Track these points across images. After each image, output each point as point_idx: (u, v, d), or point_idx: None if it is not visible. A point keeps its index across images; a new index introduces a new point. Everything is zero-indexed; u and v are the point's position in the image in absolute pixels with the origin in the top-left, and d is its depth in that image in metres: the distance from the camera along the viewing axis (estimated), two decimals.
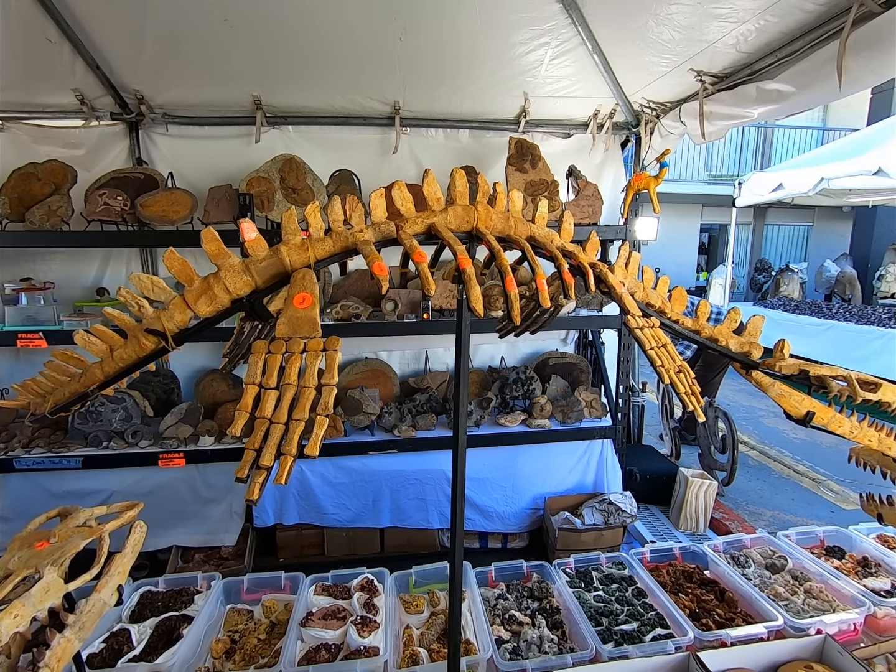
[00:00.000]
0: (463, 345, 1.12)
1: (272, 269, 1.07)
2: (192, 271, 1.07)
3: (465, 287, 1.04)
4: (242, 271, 1.06)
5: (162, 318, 1.06)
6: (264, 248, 1.08)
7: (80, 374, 1.21)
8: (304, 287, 1.01)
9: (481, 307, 1.01)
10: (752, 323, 1.48)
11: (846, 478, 4.14)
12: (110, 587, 0.95)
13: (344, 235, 1.12)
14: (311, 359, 0.94)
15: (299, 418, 0.90)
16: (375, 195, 1.10)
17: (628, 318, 1.30)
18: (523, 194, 1.36)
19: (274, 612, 1.81)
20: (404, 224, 1.09)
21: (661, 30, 2.39)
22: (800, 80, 2.18)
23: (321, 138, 3.34)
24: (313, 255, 1.10)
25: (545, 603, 1.95)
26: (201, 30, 2.54)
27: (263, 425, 0.89)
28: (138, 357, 1.13)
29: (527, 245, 1.22)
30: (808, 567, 2.14)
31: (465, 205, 1.18)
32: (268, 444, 0.84)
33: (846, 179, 5.92)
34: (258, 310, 1.11)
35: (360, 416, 3.07)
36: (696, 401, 1.21)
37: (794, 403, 1.39)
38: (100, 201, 2.67)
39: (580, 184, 3.24)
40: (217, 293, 1.05)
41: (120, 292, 1.10)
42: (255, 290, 1.10)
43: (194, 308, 1.05)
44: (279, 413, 0.90)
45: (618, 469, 3.29)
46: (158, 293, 1.04)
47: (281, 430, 0.86)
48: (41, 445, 2.83)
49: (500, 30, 2.56)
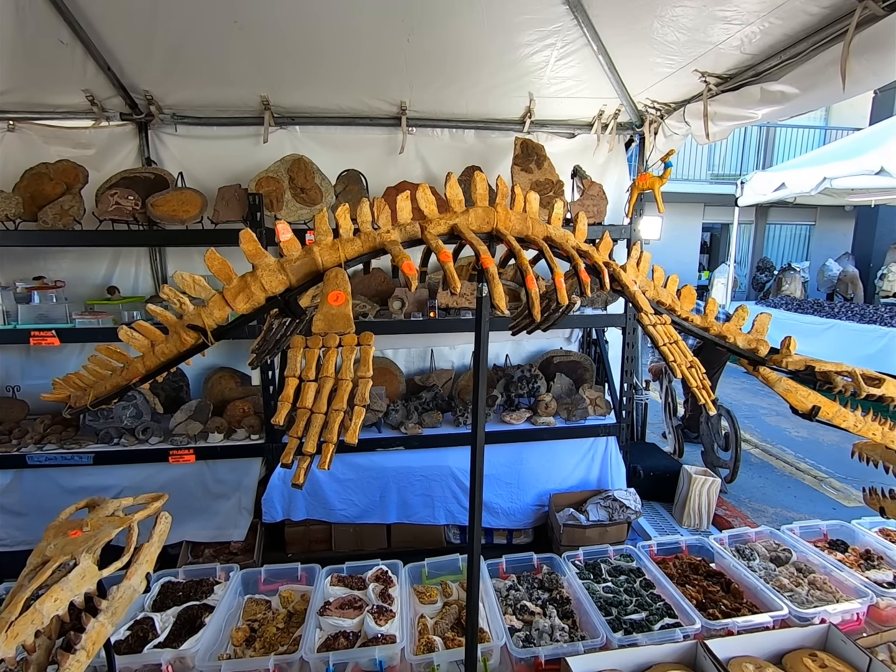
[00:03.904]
0: (482, 341, 1.15)
1: (305, 268, 1.12)
2: (231, 270, 1.11)
3: (488, 285, 1.08)
4: (278, 270, 1.11)
5: (202, 315, 1.11)
6: (298, 248, 1.13)
7: (121, 369, 1.25)
8: (338, 285, 1.05)
9: (504, 304, 1.05)
10: (759, 320, 1.52)
11: (847, 475, 4.17)
12: (139, 575, 0.99)
13: (372, 236, 1.16)
14: (346, 353, 0.98)
15: (339, 408, 0.94)
16: (401, 198, 1.14)
17: (641, 315, 1.33)
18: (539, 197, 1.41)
19: (291, 602, 1.86)
20: (428, 225, 1.14)
21: (665, 31, 2.42)
22: (803, 82, 2.21)
23: (328, 138, 3.38)
24: (343, 254, 1.14)
25: (555, 594, 1.99)
26: (211, 31, 2.57)
27: (305, 415, 0.94)
28: (178, 352, 1.17)
29: (545, 245, 1.26)
30: (811, 560, 2.18)
31: (486, 206, 1.23)
32: (310, 433, 0.88)
33: (848, 179, 5.93)
34: (292, 307, 1.15)
35: (367, 414, 3.10)
36: (706, 395, 1.25)
37: (800, 398, 1.43)
38: (111, 201, 2.71)
39: (585, 184, 3.27)
40: (254, 291, 1.09)
41: (163, 290, 1.15)
42: (289, 287, 1.14)
43: (233, 305, 1.09)
44: (319, 403, 0.94)
45: (622, 466, 3.32)
46: (199, 291, 1.09)
47: (321, 420, 0.91)
48: (53, 442, 2.87)
49: (506, 31, 2.59)
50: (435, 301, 3.12)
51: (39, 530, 1.73)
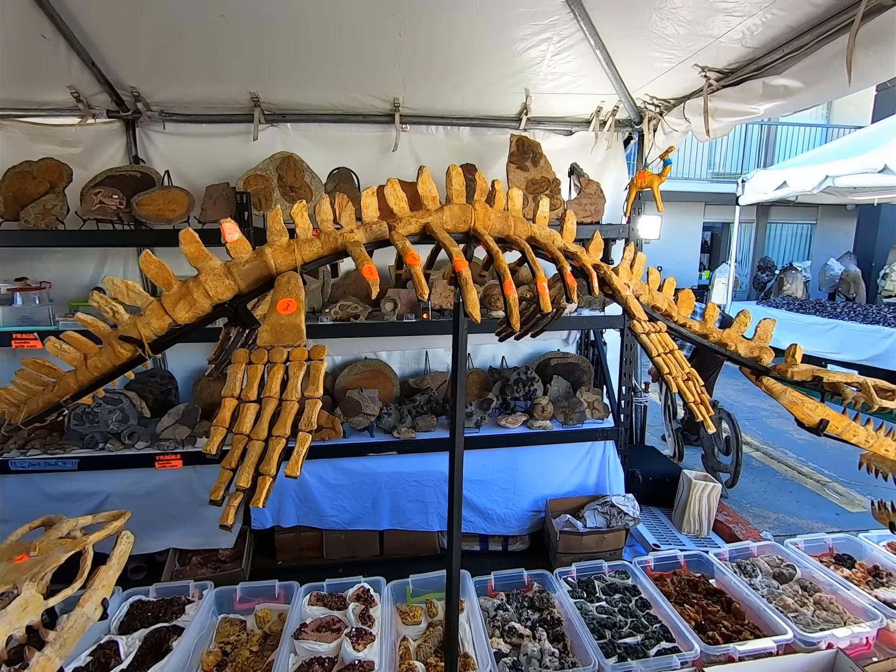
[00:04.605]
0: (460, 349, 1.07)
1: (256, 272, 1.01)
2: (171, 275, 1.01)
3: (461, 291, 0.98)
4: (224, 275, 1.01)
5: (138, 325, 1.00)
6: (248, 249, 1.02)
7: (53, 384, 1.15)
8: (289, 292, 0.95)
9: (478, 312, 0.96)
10: (762, 327, 1.43)
11: (851, 479, 4.10)
12: (94, 601, 0.92)
13: (333, 236, 1.06)
14: (294, 369, 0.88)
15: (280, 434, 0.84)
16: (367, 193, 1.05)
17: (634, 323, 1.24)
18: (524, 192, 1.29)
19: (267, 622, 1.77)
20: (397, 224, 1.04)
21: (665, 24, 2.34)
22: (807, 76, 2.13)
23: (320, 136, 3.31)
24: (300, 257, 1.04)
25: (546, 614, 1.90)
26: (197, 26, 2.50)
27: (241, 442, 0.84)
28: (114, 365, 1.06)
29: (527, 246, 1.17)
30: (817, 577, 2.08)
31: (462, 203, 1.13)
32: (245, 463, 0.79)
33: (851, 177, 5.85)
34: (242, 315, 1.05)
35: (359, 418, 3.04)
36: (705, 410, 1.16)
37: (806, 411, 1.34)
38: (95, 200, 2.64)
39: (582, 182, 3.20)
40: (197, 298, 0.99)
41: (93, 297, 1.04)
42: (238, 294, 1.04)
43: (172, 314, 0.99)
44: (258, 429, 0.84)
45: (620, 471, 3.25)
46: (134, 298, 0.99)
47: (260, 448, 0.81)
48: (37, 447, 2.80)
49: (501, 25, 2.52)
50: (428, 303, 3.05)
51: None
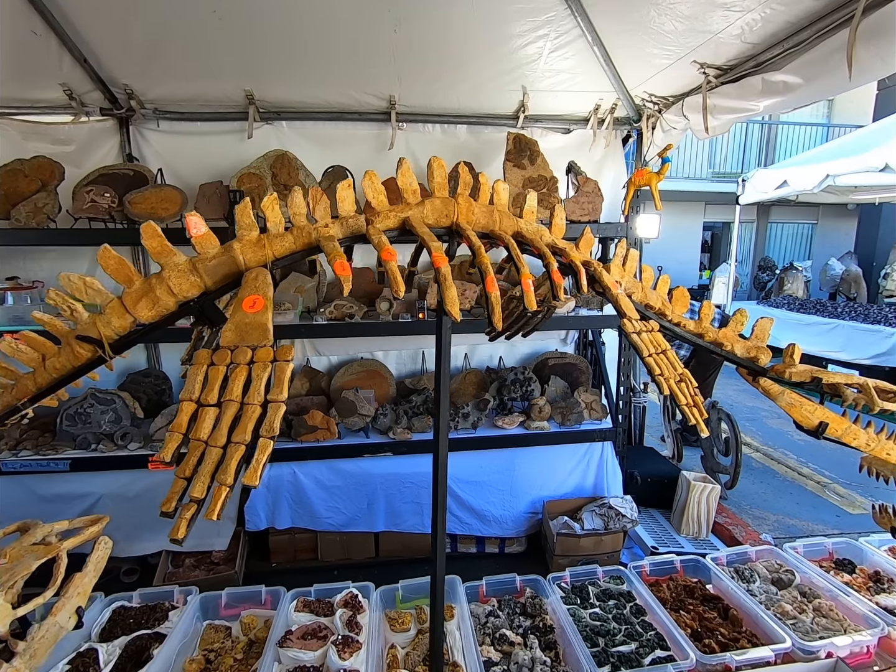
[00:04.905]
0: (444, 349, 1.04)
1: (223, 268, 0.96)
2: (132, 271, 0.96)
3: (440, 287, 0.95)
4: (189, 271, 0.96)
5: (98, 324, 0.95)
6: (215, 244, 0.98)
7: (11, 386, 1.10)
8: (257, 288, 0.90)
9: (457, 310, 0.92)
10: (759, 326, 1.39)
11: (852, 480, 4.06)
12: (67, 610, 0.89)
13: (306, 231, 1.01)
14: (258, 371, 0.83)
15: (239, 441, 0.79)
16: (342, 186, 1.01)
17: (624, 322, 1.20)
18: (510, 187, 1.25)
19: (253, 628, 1.73)
20: (375, 218, 1.01)
21: (663, 20, 2.31)
22: (807, 71, 2.10)
23: (316, 134, 3.28)
24: (271, 252, 0.99)
25: (538, 621, 1.85)
26: (190, 22, 2.48)
27: (198, 449, 0.79)
28: (73, 366, 1.02)
29: (511, 241, 1.12)
30: (816, 582, 2.04)
31: (445, 197, 1.08)
32: (200, 472, 0.75)
33: (852, 176, 5.81)
34: (209, 313, 1.00)
35: (354, 418, 3.01)
36: (698, 413, 1.12)
37: (805, 413, 1.30)
38: (87, 198, 2.61)
39: (580, 180, 3.16)
40: (160, 295, 0.94)
41: (49, 294, 0.99)
42: (205, 291, 0.99)
43: (134, 312, 0.94)
44: (217, 434, 0.80)
45: (618, 472, 3.22)
46: (93, 295, 0.95)
47: (217, 455, 0.77)
48: (29, 447, 2.77)
49: (497, 21, 2.49)
50: (424, 302, 3.02)
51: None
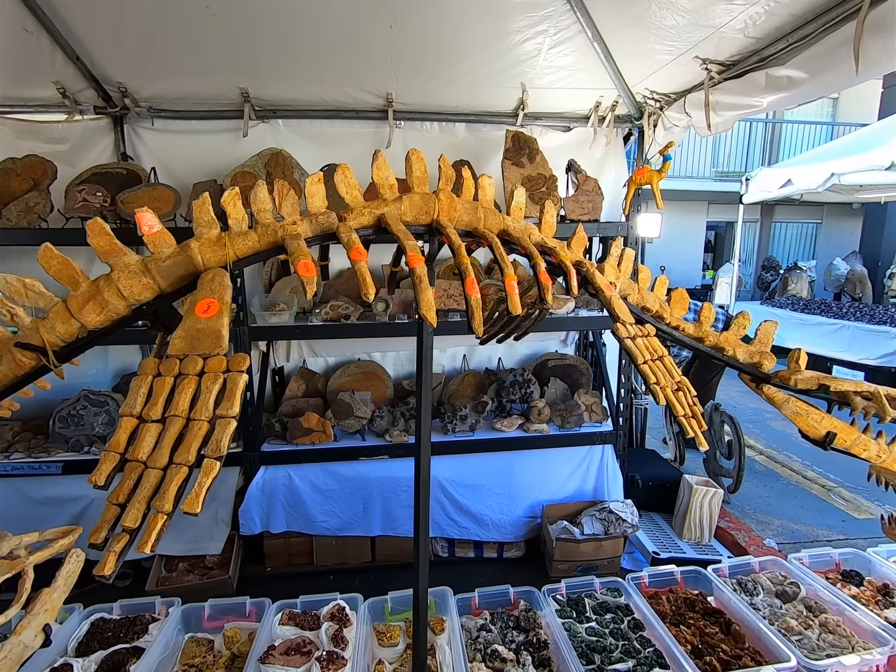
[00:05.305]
0: (424, 355, 0.98)
1: (179, 268, 0.89)
2: (78, 272, 0.90)
3: (414, 290, 0.89)
4: (141, 272, 0.89)
5: (41, 329, 0.87)
6: (170, 243, 0.91)
7: None
8: (213, 291, 0.83)
9: (433, 315, 0.87)
10: (762, 329, 1.32)
11: (858, 485, 3.99)
12: (33, 628, 0.84)
13: (272, 229, 0.94)
14: (208, 382, 0.75)
15: (182, 462, 0.71)
16: (311, 181, 0.96)
17: (617, 326, 1.12)
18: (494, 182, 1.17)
19: (236, 642, 1.67)
20: (348, 215, 0.95)
21: (664, 14, 2.26)
22: (812, 66, 2.05)
23: (312, 132, 3.24)
24: (233, 252, 0.92)
25: (532, 636, 1.78)
26: (183, 18, 2.44)
27: (135, 471, 0.71)
28: (15, 375, 0.92)
29: (495, 240, 1.05)
30: (822, 596, 1.95)
31: (425, 193, 1.02)
32: (135, 498, 0.66)
33: (857, 175, 5.73)
34: (164, 318, 0.92)
35: (350, 421, 2.96)
36: (696, 425, 1.06)
37: (811, 423, 1.23)
38: (78, 197, 2.57)
39: (580, 179, 3.11)
40: (109, 298, 0.87)
41: None
42: (159, 294, 0.91)
43: (80, 317, 0.86)
44: (157, 455, 0.71)
45: (619, 476, 3.17)
46: (35, 298, 0.88)
47: (156, 479, 0.69)
48: (21, 450, 2.74)
49: (495, 16, 2.45)
50: None
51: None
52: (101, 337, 0.94)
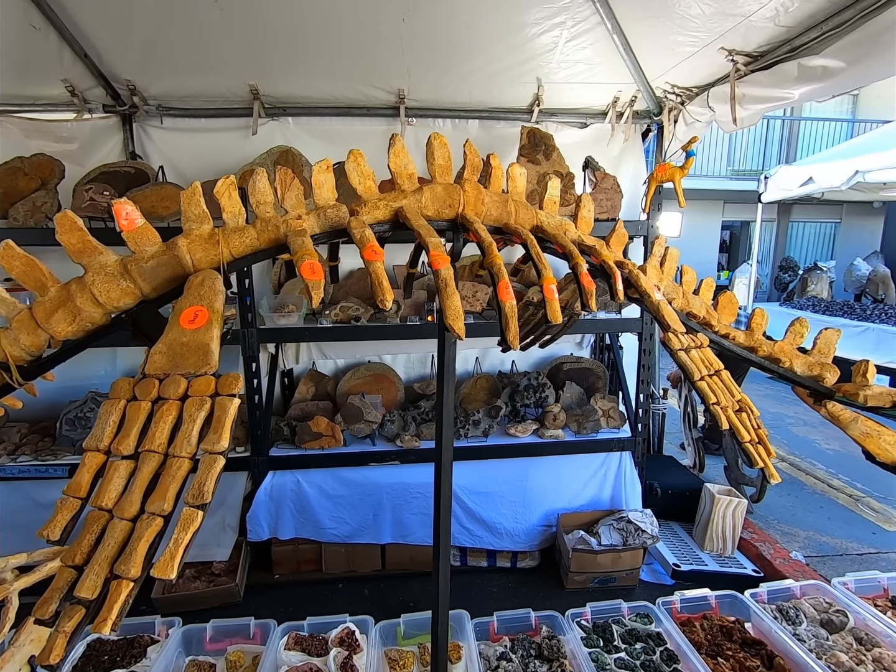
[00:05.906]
0: (447, 365, 0.88)
1: (165, 270, 0.75)
2: (45, 274, 0.77)
3: (439, 296, 0.77)
4: (120, 274, 0.75)
5: (3, 342, 0.74)
6: (155, 241, 0.78)
7: None
8: (201, 297, 0.69)
9: (461, 324, 0.75)
10: (822, 338, 1.18)
11: (888, 494, 3.83)
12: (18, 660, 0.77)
13: (273, 224, 0.83)
14: (192, 409, 0.61)
15: (155, 511, 0.58)
16: (319, 169, 0.86)
17: (669, 337, 0.99)
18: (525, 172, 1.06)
19: (240, 666, 1.59)
20: (361, 209, 0.85)
21: (689, 3, 2.17)
22: (850, 54, 1.93)
23: (322, 130, 3.18)
24: (227, 250, 0.80)
25: (556, 666, 1.66)
26: (192, 14, 2.40)
27: (97, 523, 0.59)
28: None
29: (530, 237, 0.94)
30: (872, 626, 1.78)
31: (448, 184, 0.90)
32: (96, 558, 0.52)
33: (882, 172, 5.55)
34: (144, 328, 0.77)
35: (360, 425, 2.89)
36: (764, 452, 0.95)
37: (884, 445, 1.08)
38: (86, 197, 2.53)
39: (598, 176, 3.01)
40: (81, 305, 0.73)
41: None
42: (142, 300, 0.78)
43: (48, 327, 0.73)
44: (126, 501, 0.58)
45: (637, 484, 3.06)
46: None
47: (124, 533, 0.56)
48: (27, 453, 2.71)
49: (510, 8, 2.37)
50: (433, 304, 2.89)
51: (12, 547, 1.56)
52: (77, 349, 0.81)
